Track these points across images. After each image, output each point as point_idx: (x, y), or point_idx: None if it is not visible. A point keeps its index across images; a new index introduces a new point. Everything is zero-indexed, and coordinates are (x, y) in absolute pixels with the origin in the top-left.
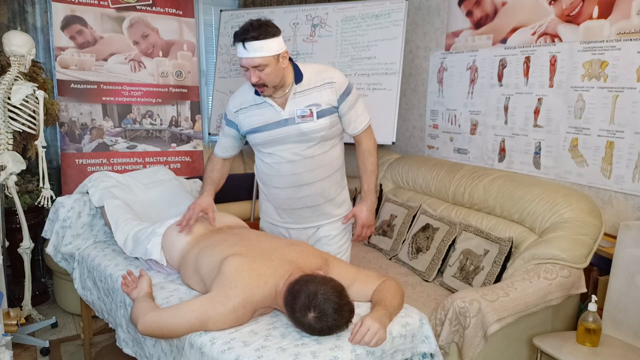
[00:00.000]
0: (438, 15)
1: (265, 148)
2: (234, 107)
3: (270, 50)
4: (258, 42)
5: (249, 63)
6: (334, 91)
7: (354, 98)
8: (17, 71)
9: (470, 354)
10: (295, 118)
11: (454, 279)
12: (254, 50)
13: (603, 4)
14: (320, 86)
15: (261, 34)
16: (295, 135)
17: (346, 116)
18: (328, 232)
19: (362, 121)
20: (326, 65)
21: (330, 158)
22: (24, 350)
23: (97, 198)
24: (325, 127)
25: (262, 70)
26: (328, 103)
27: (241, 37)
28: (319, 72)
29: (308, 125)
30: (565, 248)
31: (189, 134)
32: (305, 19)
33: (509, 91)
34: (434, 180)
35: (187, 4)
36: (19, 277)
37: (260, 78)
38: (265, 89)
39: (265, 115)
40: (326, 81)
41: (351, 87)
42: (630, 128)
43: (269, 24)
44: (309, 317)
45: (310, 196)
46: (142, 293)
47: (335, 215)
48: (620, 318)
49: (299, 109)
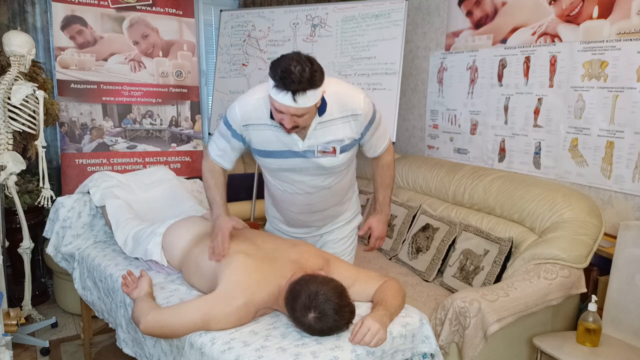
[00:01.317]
0: (438, 15)
1: (277, 173)
2: (244, 119)
3: (317, 97)
4: (309, 92)
5: (292, 112)
6: (359, 124)
7: (377, 124)
8: (17, 71)
9: (470, 354)
10: (315, 152)
11: (454, 279)
12: (304, 102)
13: (603, 4)
14: (344, 118)
15: (312, 84)
16: (314, 169)
17: (368, 143)
18: (334, 235)
19: (382, 143)
20: (349, 88)
21: (345, 182)
22: (24, 350)
23: (98, 198)
24: (346, 162)
25: (301, 117)
26: (350, 137)
27: (292, 89)
28: (343, 100)
29: (329, 160)
30: (565, 248)
31: (189, 134)
32: (305, 19)
33: (509, 91)
34: (434, 180)
35: (187, 4)
36: (19, 277)
37: (296, 123)
38: (295, 130)
39: (281, 141)
40: (351, 113)
41: (375, 114)
42: (630, 128)
43: (317, 67)
44: (309, 318)
45: (323, 217)
46: (142, 293)
47: (343, 220)
48: (620, 318)
49: (319, 144)
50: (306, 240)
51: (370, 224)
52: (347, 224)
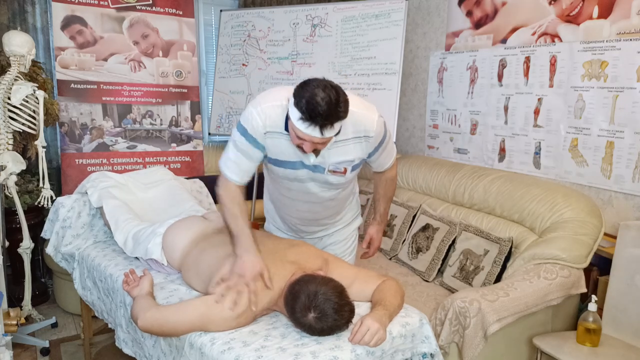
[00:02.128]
0: (438, 15)
1: (284, 181)
2: (264, 127)
3: (338, 128)
4: (335, 125)
5: (315, 141)
6: (369, 145)
7: (386, 144)
8: (17, 71)
9: (470, 354)
10: (325, 170)
11: (454, 279)
12: (328, 134)
13: (603, 4)
14: (357, 138)
15: (338, 117)
16: (321, 182)
17: (376, 162)
18: (335, 238)
19: (389, 160)
20: (363, 107)
21: (347, 193)
22: (24, 350)
23: (95, 198)
24: (353, 179)
25: (323, 144)
26: (360, 157)
27: (321, 123)
28: (357, 121)
29: (337, 178)
30: (565, 248)
31: (189, 134)
32: (305, 19)
33: (509, 91)
34: (434, 180)
35: (187, 4)
36: (19, 277)
37: (316, 147)
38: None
39: (291, 150)
40: (363, 134)
41: (386, 134)
42: (630, 128)
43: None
44: (309, 318)
45: (323, 224)
46: (143, 292)
47: (342, 224)
48: (620, 318)
49: (331, 163)
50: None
51: (372, 235)
52: (347, 226)
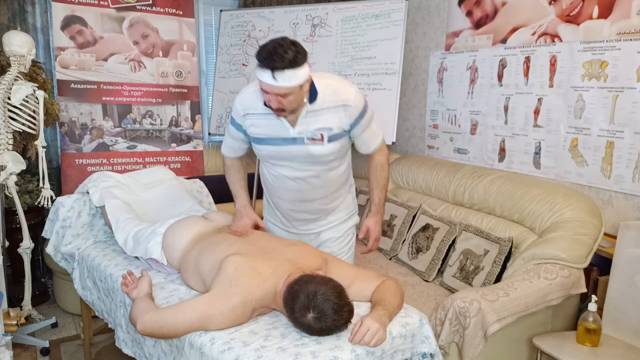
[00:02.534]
0: (438, 15)
1: (269, 161)
2: (243, 109)
3: (300, 79)
4: (289, 72)
5: (274, 90)
6: (348, 114)
7: (368, 119)
8: (17, 71)
9: (470, 354)
10: (305, 139)
11: (454, 279)
12: (284, 80)
13: (603, 4)
14: (334, 107)
15: (293, 63)
16: (303, 156)
17: (359, 138)
18: (330, 234)
19: (375, 140)
20: (342, 81)
21: (336, 175)
22: (24, 350)
23: (97, 198)
24: (334, 152)
25: (285, 98)
26: (340, 127)
27: (272, 66)
28: (334, 90)
29: (317, 148)
30: (565, 248)
31: (189, 134)
32: (305, 19)
33: (509, 91)
34: (434, 180)
35: (187, 4)
36: (19, 277)
37: (281, 104)
38: (283, 113)
39: (272, 128)
40: (340, 103)
41: (366, 108)
42: (630, 128)
43: (299, 48)
44: (308, 318)
45: (313, 210)
46: (142, 293)
47: (337, 220)
48: (620, 318)
49: (309, 130)
50: (302, 238)
51: (368, 226)
52: (343, 223)
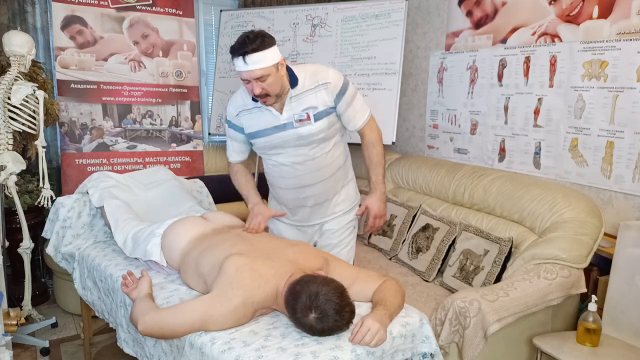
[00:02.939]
0: (438, 15)
1: (266, 152)
2: (235, 109)
3: (270, 60)
4: (258, 54)
5: (251, 75)
6: (329, 92)
7: (350, 95)
8: (17, 71)
9: (470, 354)
10: (294, 122)
11: (454, 279)
12: (254, 63)
13: (603, 4)
14: (314, 88)
15: (260, 46)
16: (295, 140)
17: (344, 114)
18: (332, 225)
19: (361, 116)
20: (319, 65)
21: (332, 157)
22: (24, 350)
23: (97, 198)
24: (323, 129)
25: (265, 81)
26: (324, 104)
27: (241, 51)
28: (313, 73)
29: (306, 128)
30: (565, 248)
31: (189, 134)
32: (305, 19)
33: (509, 91)
34: (434, 180)
35: (187, 4)
36: (19, 277)
37: (264, 88)
38: (268, 98)
39: (263, 119)
40: (320, 82)
41: (347, 85)
42: (630, 128)
43: (264, 34)
44: (310, 318)
45: (314, 196)
46: (142, 294)
47: (340, 211)
48: (620, 318)
49: (296, 113)
50: (306, 230)
51: (366, 204)
52: (345, 214)
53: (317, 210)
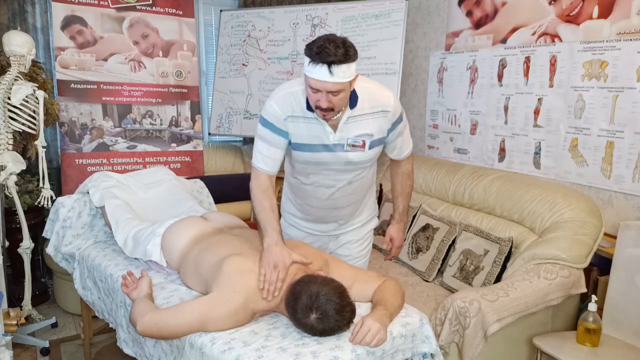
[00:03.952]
0: (438, 15)
1: (305, 168)
2: (283, 112)
3: (352, 74)
4: (344, 66)
5: (326, 87)
6: (387, 120)
7: (403, 125)
8: (17, 71)
9: (470, 354)
10: (345, 145)
11: (454, 279)
12: (339, 75)
13: (603, 4)
14: (374, 113)
15: (347, 57)
16: (341, 163)
17: (392, 144)
18: (351, 237)
19: (408, 146)
20: (379, 86)
21: (366, 180)
22: (24, 350)
23: (97, 198)
24: (373, 158)
25: (336, 95)
26: (380, 132)
27: (328, 60)
28: (373, 95)
29: (357, 155)
30: (565, 248)
31: (189, 134)
32: (305, 19)
33: (509, 91)
34: (434, 180)
35: (187, 4)
36: (19, 277)
37: (331, 102)
38: (331, 114)
39: (313, 133)
40: (381, 109)
41: (402, 114)
42: (630, 128)
43: (351, 44)
44: (311, 318)
45: (344, 216)
46: (141, 294)
47: (358, 222)
48: (620, 318)
49: (350, 137)
50: (321, 239)
51: (392, 235)
52: (364, 226)
53: (340, 224)
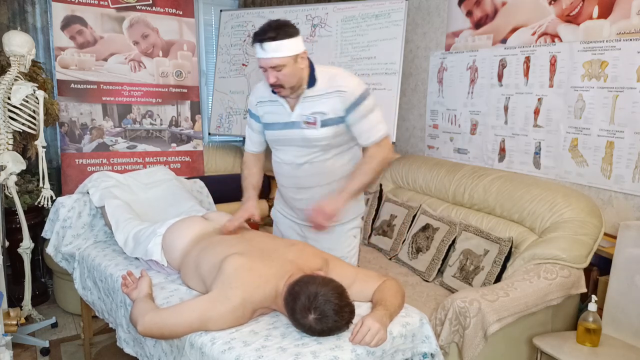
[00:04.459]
0: (438, 15)
1: (274, 146)
2: (255, 99)
3: (288, 50)
4: (275, 43)
5: (267, 63)
6: (343, 100)
7: (366, 109)
8: (17, 71)
9: (470, 354)
10: (301, 123)
11: (454, 279)
12: (272, 51)
13: (603, 4)
14: (330, 93)
15: (279, 35)
16: (299, 140)
17: (355, 126)
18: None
19: (374, 134)
20: (343, 71)
21: (332, 166)
22: (24, 350)
23: (97, 198)
24: (328, 137)
25: (280, 71)
26: (334, 112)
27: (259, 38)
28: (332, 77)
29: (311, 132)
30: (565, 248)
31: (189, 134)
32: (305, 19)
33: (509, 91)
34: (434, 180)
35: (187, 4)
36: (19, 277)
37: (278, 79)
38: (282, 89)
39: (276, 114)
40: (336, 89)
41: (364, 98)
42: (630, 128)
43: (288, 24)
44: (309, 319)
45: (309, 200)
46: (142, 294)
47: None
48: (620, 318)
49: (305, 114)
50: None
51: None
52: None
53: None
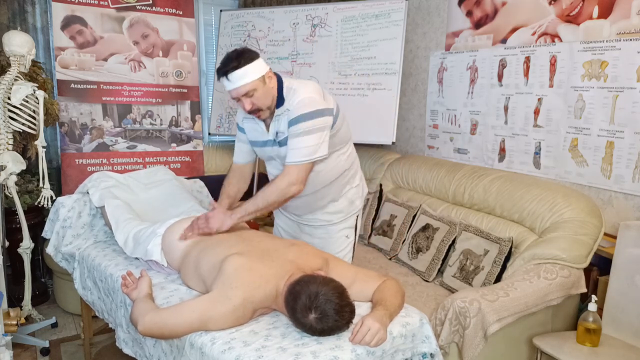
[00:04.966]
0: (438, 15)
1: (262, 158)
2: (241, 114)
3: (253, 74)
4: (240, 70)
5: (238, 93)
6: (287, 118)
7: (303, 129)
8: (17, 71)
9: (470, 354)
10: (275, 141)
11: (454, 279)
12: (239, 79)
13: (603, 4)
14: (285, 111)
15: (240, 62)
16: (277, 156)
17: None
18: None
19: (294, 154)
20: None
21: (315, 177)
22: (24, 350)
23: (97, 198)
24: None
25: (252, 96)
26: (284, 131)
27: (223, 70)
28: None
29: (283, 149)
30: (565, 248)
31: (189, 134)
32: (305, 19)
33: (509, 91)
34: (434, 180)
35: (187, 4)
36: (19, 277)
37: (253, 104)
38: (261, 113)
39: (257, 131)
40: (287, 107)
41: (307, 118)
42: (630, 128)
43: (246, 50)
44: (310, 318)
45: (299, 207)
46: (142, 294)
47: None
48: (620, 318)
49: (274, 132)
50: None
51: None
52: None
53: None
